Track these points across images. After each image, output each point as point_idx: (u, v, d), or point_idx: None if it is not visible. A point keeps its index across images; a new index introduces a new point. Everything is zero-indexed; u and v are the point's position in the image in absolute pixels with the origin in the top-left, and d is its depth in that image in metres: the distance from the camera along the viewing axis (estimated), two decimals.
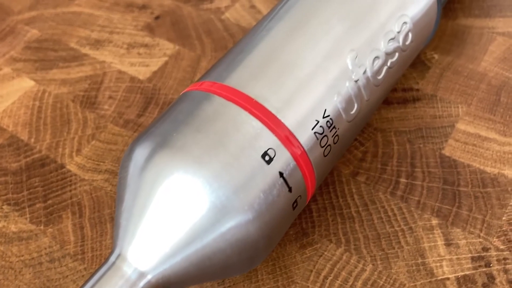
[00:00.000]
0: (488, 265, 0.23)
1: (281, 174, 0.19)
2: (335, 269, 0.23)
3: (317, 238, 0.24)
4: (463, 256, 0.23)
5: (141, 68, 0.33)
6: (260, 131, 0.19)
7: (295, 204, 0.20)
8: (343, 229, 0.25)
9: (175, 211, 0.18)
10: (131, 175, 0.19)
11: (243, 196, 0.18)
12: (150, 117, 0.31)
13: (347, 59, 0.22)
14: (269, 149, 0.19)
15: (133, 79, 0.33)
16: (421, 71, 0.31)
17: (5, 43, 0.36)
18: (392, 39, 0.24)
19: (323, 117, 0.21)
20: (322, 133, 0.21)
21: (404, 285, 0.23)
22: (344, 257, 0.24)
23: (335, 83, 0.21)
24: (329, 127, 0.21)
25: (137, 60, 0.34)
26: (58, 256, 0.25)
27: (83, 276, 0.24)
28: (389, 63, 0.24)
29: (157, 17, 0.37)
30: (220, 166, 0.18)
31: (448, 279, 0.23)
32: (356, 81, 0.22)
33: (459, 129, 0.28)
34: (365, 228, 0.24)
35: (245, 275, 0.24)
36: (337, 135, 0.22)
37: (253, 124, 0.19)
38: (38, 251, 0.25)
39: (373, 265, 0.23)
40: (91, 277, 0.19)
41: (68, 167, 0.29)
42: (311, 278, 0.23)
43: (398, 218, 0.25)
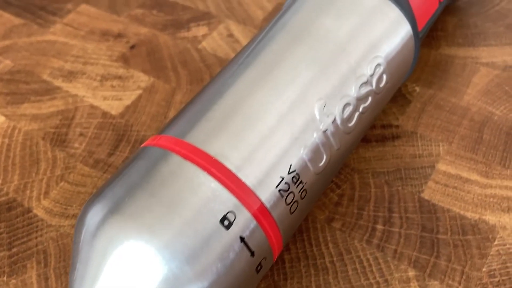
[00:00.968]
0: None
1: (242, 239, 0.18)
2: None
3: None
4: None
5: (114, 102, 0.32)
6: (219, 193, 0.18)
7: (259, 267, 0.19)
8: (316, 281, 0.23)
9: (126, 284, 0.17)
10: (82, 241, 0.18)
11: (198, 266, 0.17)
12: (121, 156, 0.29)
13: (314, 108, 0.21)
14: (228, 212, 0.18)
15: (105, 114, 0.32)
16: (401, 105, 0.30)
17: None
18: (365, 83, 0.23)
19: (289, 173, 0.20)
20: (287, 190, 0.20)
21: None
22: None
23: (301, 136, 0.20)
24: (295, 182, 0.20)
25: (110, 94, 0.33)
26: None
27: None
28: (361, 109, 0.23)
29: (132, 47, 0.36)
30: (174, 234, 0.17)
31: None
32: (325, 131, 0.21)
33: (439, 170, 0.26)
34: (339, 280, 0.23)
35: None
36: (304, 190, 0.21)
37: (212, 186, 0.18)
38: None
39: None
40: None
41: (35, 211, 0.28)
42: None
43: (374, 269, 0.23)
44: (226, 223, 0.18)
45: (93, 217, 0.18)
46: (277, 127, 0.20)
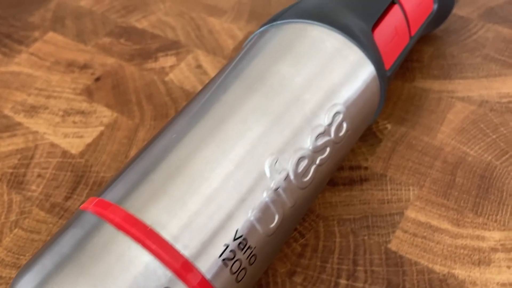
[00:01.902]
0: None
1: None
2: None
3: None
4: None
5: (74, 140, 0.31)
6: (153, 267, 0.17)
7: None
8: None
9: None
10: None
11: None
12: (78, 199, 0.28)
13: (264, 165, 0.20)
14: None
15: (65, 153, 0.30)
16: (371, 144, 0.28)
17: None
18: (322, 133, 0.21)
19: (234, 239, 0.18)
20: (233, 258, 0.18)
21: None
22: None
23: (249, 197, 0.19)
24: (242, 248, 0.19)
25: (71, 130, 0.32)
26: None
27: None
28: (318, 161, 0.21)
29: (97, 79, 0.34)
30: None
31: None
32: (276, 189, 0.20)
33: (408, 217, 0.25)
34: None
35: None
36: (253, 255, 0.19)
37: (145, 260, 0.17)
38: None
39: None
40: None
41: None
42: None
43: None
44: None
45: None
46: (223, 188, 0.19)
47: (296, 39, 0.23)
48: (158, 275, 0.17)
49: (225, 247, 0.18)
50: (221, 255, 0.18)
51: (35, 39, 0.38)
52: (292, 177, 0.20)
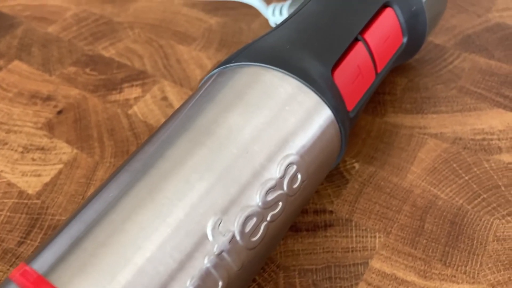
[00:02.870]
0: None
1: None
2: None
3: None
4: None
5: (32, 178, 0.30)
6: None
7: None
8: None
9: None
10: None
11: None
12: (32, 245, 0.27)
13: (206, 228, 0.18)
14: None
15: (21, 193, 0.29)
16: (338, 186, 0.27)
17: None
18: (273, 188, 0.20)
19: None
20: None
21: None
22: None
23: (188, 264, 0.18)
24: None
25: (29, 169, 0.30)
26: None
27: None
28: (269, 217, 0.20)
29: (59, 112, 0.33)
30: None
31: None
32: (220, 253, 0.18)
33: (373, 267, 0.24)
34: None
35: None
36: None
37: None
38: None
39: None
40: None
41: None
42: None
43: None
44: None
45: None
46: (157, 257, 0.17)
47: (247, 86, 0.21)
48: None
49: None
50: None
51: None
52: (238, 238, 0.19)
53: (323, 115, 0.22)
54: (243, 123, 0.20)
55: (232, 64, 0.23)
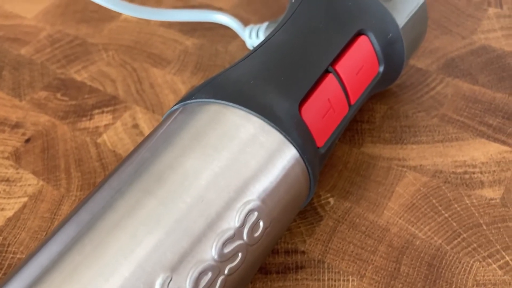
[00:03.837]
0: None
1: None
2: None
3: None
4: None
5: None
6: None
7: None
8: None
9: None
10: None
11: None
12: None
13: (154, 287, 0.17)
14: None
15: None
16: (311, 223, 0.25)
17: None
18: (231, 238, 0.19)
19: None
20: None
21: None
22: None
23: None
24: None
25: None
26: None
27: None
28: (226, 271, 0.19)
29: (27, 140, 0.32)
30: None
31: None
32: None
33: None
34: None
35: None
36: None
37: None
38: None
39: None
40: None
41: None
42: None
43: None
44: None
45: None
46: None
47: (207, 126, 0.20)
48: None
49: None
50: None
51: None
52: None
53: (287, 155, 0.21)
54: (200, 168, 0.19)
55: (194, 101, 0.21)
